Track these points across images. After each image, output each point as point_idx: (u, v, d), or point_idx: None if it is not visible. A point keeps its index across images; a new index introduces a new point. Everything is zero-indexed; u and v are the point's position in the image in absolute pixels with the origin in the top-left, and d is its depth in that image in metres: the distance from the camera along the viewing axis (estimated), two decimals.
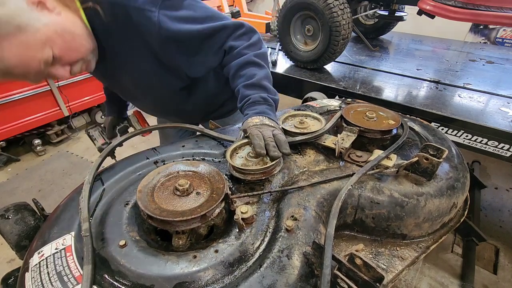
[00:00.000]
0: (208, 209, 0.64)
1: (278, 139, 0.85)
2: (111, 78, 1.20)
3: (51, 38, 0.82)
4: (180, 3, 0.96)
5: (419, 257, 0.85)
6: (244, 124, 0.94)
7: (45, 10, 0.82)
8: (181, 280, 0.57)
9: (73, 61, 0.91)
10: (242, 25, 1.06)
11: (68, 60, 0.89)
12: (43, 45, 0.81)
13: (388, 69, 2.22)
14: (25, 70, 0.82)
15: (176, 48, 0.99)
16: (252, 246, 0.65)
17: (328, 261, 0.57)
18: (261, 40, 1.10)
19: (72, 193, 0.84)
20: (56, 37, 0.83)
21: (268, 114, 0.96)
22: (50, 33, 0.82)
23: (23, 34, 0.77)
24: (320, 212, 0.76)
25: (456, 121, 1.57)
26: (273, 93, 1.03)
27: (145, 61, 1.03)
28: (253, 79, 1.00)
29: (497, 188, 2.65)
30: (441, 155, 0.82)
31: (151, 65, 1.04)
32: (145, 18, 0.90)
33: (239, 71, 1.03)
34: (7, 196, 2.67)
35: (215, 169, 0.76)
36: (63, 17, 0.85)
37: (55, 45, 0.83)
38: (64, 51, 0.86)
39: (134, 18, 0.91)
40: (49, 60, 0.84)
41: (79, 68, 0.95)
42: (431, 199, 0.83)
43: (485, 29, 4.13)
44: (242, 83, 1.02)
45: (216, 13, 1.04)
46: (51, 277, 0.59)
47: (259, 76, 1.01)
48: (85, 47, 0.92)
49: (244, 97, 1.00)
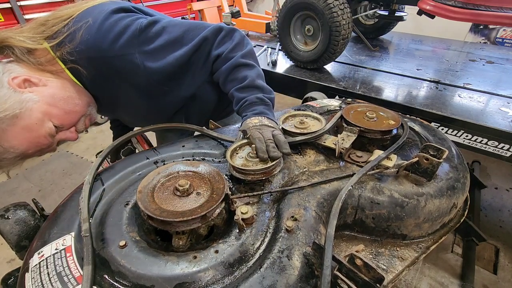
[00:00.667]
0: (208, 209, 0.64)
1: (278, 139, 0.85)
2: (110, 114, 1.27)
3: (47, 111, 0.85)
4: (154, 31, 0.95)
5: (419, 258, 0.84)
6: (244, 125, 0.93)
7: (32, 87, 0.84)
8: (181, 281, 0.57)
9: (75, 122, 0.95)
10: (220, 28, 1.03)
11: (69, 123, 0.93)
12: (42, 121, 0.84)
13: (388, 69, 2.22)
14: (38, 148, 0.87)
15: (164, 78, 1.00)
16: (252, 246, 0.65)
17: (329, 261, 0.57)
18: (244, 37, 1.08)
19: (72, 193, 0.84)
20: (51, 109, 0.86)
21: (266, 114, 0.96)
22: (44, 108, 0.85)
23: (20, 120, 0.80)
24: (320, 212, 0.76)
25: (456, 121, 1.57)
26: (268, 91, 1.03)
27: (138, 99, 1.05)
28: (245, 81, 1.00)
29: (497, 188, 2.65)
30: (441, 156, 0.82)
31: (145, 100, 1.06)
32: (127, 62, 0.91)
33: (230, 75, 1.03)
34: (7, 196, 2.67)
35: (215, 169, 0.76)
36: (51, 85, 0.88)
37: (53, 116, 0.87)
38: (63, 118, 0.89)
39: (117, 66, 0.91)
40: (53, 131, 0.88)
41: (83, 124, 0.99)
42: (431, 200, 0.83)
43: (485, 29, 4.13)
44: (235, 87, 1.01)
45: (189, 25, 1.03)
46: (51, 278, 0.59)
47: (251, 77, 1.00)
48: (81, 105, 0.94)
49: (240, 99, 1.00)
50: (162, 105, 1.11)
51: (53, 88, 0.88)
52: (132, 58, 0.91)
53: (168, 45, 0.97)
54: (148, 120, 1.18)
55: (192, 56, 1.00)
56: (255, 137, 0.85)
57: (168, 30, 0.98)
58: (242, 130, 0.94)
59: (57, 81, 0.90)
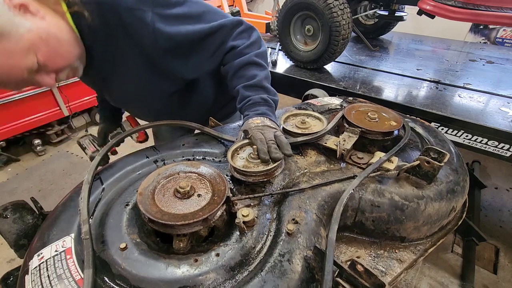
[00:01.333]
0: (209, 212, 0.63)
1: (280, 140, 0.85)
2: (101, 83, 1.14)
3: (35, 44, 0.76)
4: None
5: (418, 260, 0.85)
6: (245, 125, 0.93)
7: (28, 14, 0.76)
8: (183, 284, 0.57)
9: (59, 68, 0.86)
10: (240, 22, 1.02)
11: (53, 67, 0.84)
12: (26, 52, 0.75)
13: (388, 69, 2.22)
14: (6, 78, 0.77)
15: (172, 51, 0.95)
16: (253, 249, 0.65)
17: (330, 267, 0.57)
18: (261, 38, 1.08)
19: (71, 192, 0.83)
20: (41, 43, 0.78)
21: (269, 115, 0.96)
22: (34, 39, 0.76)
23: (6, 41, 0.72)
24: (321, 215, 0.76)
25: (456, 121, 1.57)
26: (273, 93, 1.03)
27: (136, 64, 0.98)
28: (253, 80, 0.99)
29: (497, 188, 2.65)
30: (443, 159, 0.82)
31: (142, 68, 0.99)
32: (137, 19, 0.86)
33: (240, 71, 1.01)
34: (7, 196, 2.67)
35: (216, 170, 0.76)
36: (47, 21, 0.80)
37: (40, 51, 0.78)
38: (49, 58, 0.81)
39: (125, 20, 0.86)
40: (34, 67, 0.79)
41: (65, 75, 0.90)
42: (431, 203, 0.83)
43: (485, 29, 4.13)
44: (242, 83, 1.00)
45: (210, 7, 1.00)
46: (52, 280, 0.59)
47: (259, 77, 1.00)
48: (72, 53, 0.87)
49: (244, 97, 0.99)
50: (159, 80, 1.05)
51: (50, 25, 0.80)
52: (144, 15, 0.85)
53: (185, 17, 0.93)
54: (136, 97, 1.12)
55: (206, 38, 0.97)
56: (256, 138, 0.85)
57: (189, 4, 0.94)
58: (243, 130, 0.93)
59: (56, 20, 0.82)
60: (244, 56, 1.00)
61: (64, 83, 3.13)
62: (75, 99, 3.32)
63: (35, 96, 2.97)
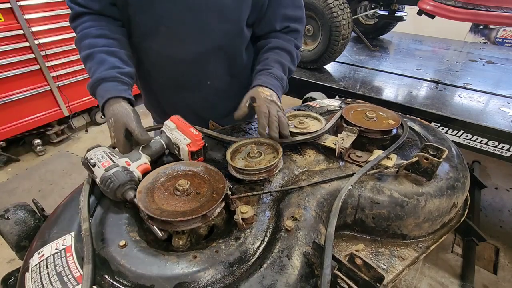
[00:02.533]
0: (208, 209, 0.64)
1: (282, 121, 0.87)
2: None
3: None
4: None
5: (419, 257, 0.84)
6: (254, 91, 0.94)
7: None
8: (181, 280, 0.57)
9: None
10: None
11: None
12: None
13: (388, 69, 2.22)
14: None
15: None
16: (252, 246, 0.65)
17: (329, 261, 0.57)
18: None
19: (72, 193, 0.83)
20: None
21: (278, 92, 0.99)
22: None
23: None
24: (320, 212, 0.76)
25: (456, 121, 1.57)
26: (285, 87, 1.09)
27: None
28: (283, 63, 1.04)
29: (497, 188, 2.65)
30: (441, 155, 0.82)
31: None
32: None
33: (282, 50, 1.07)
34: (7, 196, 2.67)
35: (215, 169, 0.76)
36: None
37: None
38: None
39: None
40: None
41: None
42: (431, 199, 0.83)
43: (485, 29, 4.13)
44: (274, 57, 1.04)
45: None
46: (51, 278, 0.59)
47: (288, 67, 1.07)
48: None
49: (267, 64, 1.03)
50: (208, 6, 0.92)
51: None
52: None
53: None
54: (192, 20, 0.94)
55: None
56: (261, 111, 0.86)
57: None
58: (251, 97, 0.94)
59: None
60: (293, 46, 1.09)
61: (64, 83, 3.13)
62: (75, 99, 3.32)
63: (35, 96, 2.97)
